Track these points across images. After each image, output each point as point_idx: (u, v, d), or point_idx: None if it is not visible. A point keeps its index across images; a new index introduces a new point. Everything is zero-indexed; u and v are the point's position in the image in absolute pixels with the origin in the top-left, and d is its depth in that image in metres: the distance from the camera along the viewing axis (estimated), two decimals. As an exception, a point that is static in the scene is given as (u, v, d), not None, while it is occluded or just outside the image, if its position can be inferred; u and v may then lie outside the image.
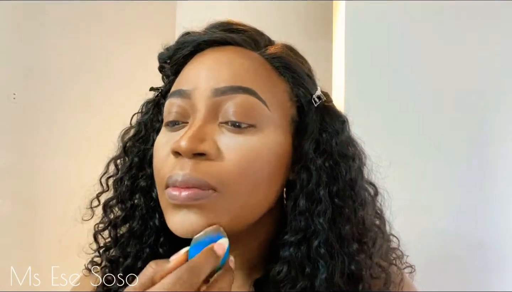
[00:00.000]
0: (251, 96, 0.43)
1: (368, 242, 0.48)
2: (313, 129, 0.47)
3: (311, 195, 0.45)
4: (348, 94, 1.05)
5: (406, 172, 1.01)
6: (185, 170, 0.41)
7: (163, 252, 0.48)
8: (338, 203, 0.45)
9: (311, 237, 0.44)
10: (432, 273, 0.53)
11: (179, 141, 0.41)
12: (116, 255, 0.49)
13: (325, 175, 0.45)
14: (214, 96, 0.43)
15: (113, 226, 0.51)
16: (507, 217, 1.04)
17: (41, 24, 1.72)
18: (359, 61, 1.08)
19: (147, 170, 0.50)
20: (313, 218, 0.44)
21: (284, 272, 0.44)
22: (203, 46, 0.47)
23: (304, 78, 0.48)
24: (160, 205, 0.45)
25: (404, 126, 1.06)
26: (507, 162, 1.05)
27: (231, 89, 0.43)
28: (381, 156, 0.51)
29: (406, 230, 0.51)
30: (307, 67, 0.51)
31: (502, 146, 1.05)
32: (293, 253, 0.44)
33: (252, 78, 0.44)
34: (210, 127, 0.43)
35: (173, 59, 0.49)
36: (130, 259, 0.48)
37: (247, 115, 0.43)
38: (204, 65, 0.45)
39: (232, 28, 0.48)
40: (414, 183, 1.03)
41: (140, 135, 0.52)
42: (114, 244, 0.50)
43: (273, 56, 0.47)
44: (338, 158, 0.46)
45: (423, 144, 1.06)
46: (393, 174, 0.52)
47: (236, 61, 0.45)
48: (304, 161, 0.46)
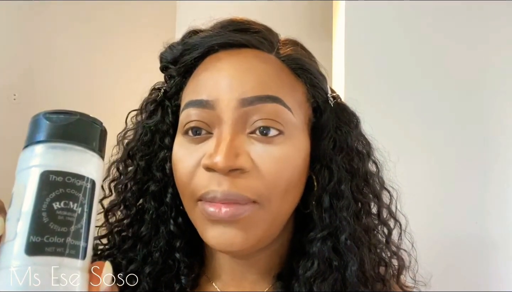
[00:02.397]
0: (278, 104, 0.42)
1: (383, 232, 0.50)
2: (330, 128, 0.47)
3: (334, 192, 0.46)
4: (348, 94, 1.05)
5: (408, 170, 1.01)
6: (222, 186, 0.40)
7: (180, 257, 0.48)
8: (358, 197, 0.47)
9: (337, 231, 0.45)
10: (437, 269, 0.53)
11: (213, 158, 0.40)
12: (118, 259, 0.48)
13: (344, 171, 0.46)
14: (241, 107, 0.41)
15: (117, 231, 0.50)
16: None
17: (41, 24, 1.72)
18: (359, 61, 1.08)
19: (157, 174, 0.48)
20: (338, 214, 0.45)
21: (315, 267, 0.44)
22: (216, 48, 0.46)
23: (319, 78, 0.48)
24: (190, 216, 0.45)
25: (405, 126, 1.06)
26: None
27: (258, 99, 0.42)
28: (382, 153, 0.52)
29: (412, 224, 0.53)
30: (317, 64, 0.50)
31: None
32: (321, 248, 0.45)
33: (276, 84, 0.43)
34: (240, 139, 0.42)
35: (181, 61, 0.47)
36: (136, 263, 0.47)
37: (275, 122, 0.42)
38: (224, 73, 0.43)
39: (245, 28, 0.46)
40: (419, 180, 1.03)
41: (145, 139, 0.50)
42: (117, 249, 0.49)
43: (289, 58, 0.46)
44: (354, 154, 0.47)
45: (423, 143, 1.06)
46: (397, 171, 0.53)
47: (258, 67, 0.44)
48: (324, 159, 0.46)
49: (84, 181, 0.28)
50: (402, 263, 0.51)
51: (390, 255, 0.50)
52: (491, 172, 1.05)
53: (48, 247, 0.26)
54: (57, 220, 0.27)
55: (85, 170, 0.28)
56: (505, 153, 1.05)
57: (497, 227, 1.04)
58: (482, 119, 1.06)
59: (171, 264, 0.48)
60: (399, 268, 0.50)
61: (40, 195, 0.27)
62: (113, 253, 0.49)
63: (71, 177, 0.28)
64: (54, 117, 0.29)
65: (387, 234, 0.50)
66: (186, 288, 0.47)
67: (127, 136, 0.52)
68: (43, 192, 0.27)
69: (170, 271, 0.48)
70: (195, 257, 0.49)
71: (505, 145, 1.05)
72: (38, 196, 0.27)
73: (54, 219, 0.27)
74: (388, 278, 0.48)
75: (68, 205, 0.27)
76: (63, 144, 0.28)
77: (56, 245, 0.27)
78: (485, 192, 1.05)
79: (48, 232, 0.26)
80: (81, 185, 0.28)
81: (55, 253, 0.26)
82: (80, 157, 0.29)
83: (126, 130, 0.52)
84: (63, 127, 0.28)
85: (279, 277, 0.47)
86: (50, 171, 0.27)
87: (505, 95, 1.06)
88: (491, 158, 1.06)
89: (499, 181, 1.05)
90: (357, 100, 0.52)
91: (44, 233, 0.26)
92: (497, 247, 1.04)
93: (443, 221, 1.04)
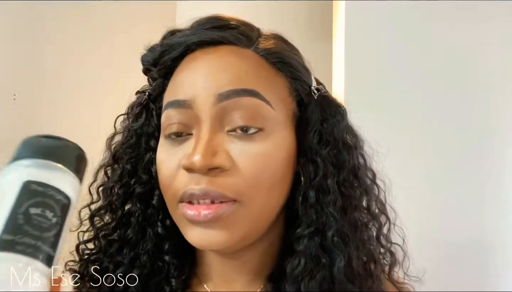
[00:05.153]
0: (255, 98, 0.42)
1: (374, 226, 0.49)
2: (315, 121, 0.46)
3: (320, 187, 0.44)
4: (348, 94, 1.05)
5: (407, 169, 1.01)
6: (200, 184, 0.40)
7: (169, 259, 0.48)
8: (345, 191, 0.45)
9: (324, 228, 0.44)
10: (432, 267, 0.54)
11: (191, 157, 0.40)
12: (105, 264, 0.48)
13: (331, 165, 0.45)
14: (217, 102, 0.41)
15: (103, 235, 0.49)
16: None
17: (42, 25, 1.72)
18: (359, 61, 1.08)
19: (143, 176, 0.48)
20: (324, 209, 0.44)
21: (302, 265, 0.44)
22: (194, 48, 0.45)
23: (301, 71, 0.47)
24: (174, 218, 0.45)
25: (405, 126, 1.06)
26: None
27: (234, 92, 0.41)
28: (381, 153, 0.52)
29: (403, 218, 0.52)
30: (300, 57, 0.49)
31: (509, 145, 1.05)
32: (308, 245, 0.44)
33: (253, 79, 0.43)
34: (218, 137, 0.41)
35: (160, 62, 0.46)
36: (123, 267, 0.47)
37: (255, 118, 0.41)
38: (200, 71, 0.43)
39: (222, 24, 0.46)
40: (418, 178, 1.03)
41: (130, 142, 0.50)
42: (103, 254, 0.49)
43: (268, 52, 0.45)
44: (341, 147, 0.46)
45: (423, 143, 1.06)
46: (396, 169, 0.52)
47: (234, 63, 0.43)
48: (309, 153, 0.45)
49: (62, 196, 0.30)
50: (394, 259, 0.50)
51: (380, 251, 0.49)
52: (488, 170, 1.05)
53: (19, 245, 0.27)
54: (31, 223, 0.28)
55: (65, 187, 0.30)
56: (503, 152, 1.05)
57: (494, 226, 1.04)
58: (481, 118, 1.06)
59: (160, 267, 0.47)
60: (390, 264, 0.50)
61: (19, 199, 0.28)
62: (100, 258, 0.49)
63: (51, 189, 0.29)
64: (42, 140, 0.31)
65: (377, 229, 0.49)
66: (177, 290, 0.47)
67: (115, 141, 0.52)
68: (22, 197, 0.28)
69: (159, 273, 0.47)
70: (185, 258, 0.49)
71: (503, 144, 1.05)
72: (17, 200, 0.28)
73: (29, 222, 0.28)
74: (378, 274, 0.47)
75: (44, 213, 0.28)
76: (48, 162, 0.30)
77: (26, 245, 0.27)
78: (483, 190, 1.05)
79: (21, 232, 0.27)
80: (60, 199, 0.29)
81: (25, 252, 0.27)
82: (62, 176, 0.31)
83: (114, 134, 0.52)
84: (49, 149, 0.31)
85: (271, 277, 0.47)
86: (33, 181, 0.29)
87: (504, 95, 1.06)
88: (489, 156, 1.06)
89: (496, 179, 1.05)
90: (357, 100, 0.52)
91: (17, 232, 0.27)
92: (495, 246, 1.04)
93: (439, 219, 1.04)
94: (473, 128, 1.06)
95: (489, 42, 1.07)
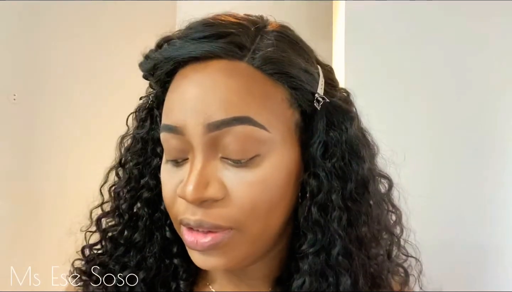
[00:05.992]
0: (247, 125, 0.39)
1: (386, 240, 0.47)
2: (320, 131, 0.43)
3: (323, 204, 0.42)
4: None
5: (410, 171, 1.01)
6: (196, 215, 0.40)
7: (178, 262, 0.48)
8: (352, 206, 0.43)
9: (329, 246, 0.42)
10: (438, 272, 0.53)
11: (184, 189, 0.39)
12: (110, 266, 0.48)
13: (336, 179, 0.43)
14: (208, 132, 0.39)
15: (110, 237, 0.49)
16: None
17: (42, 25, 1.72)
18: (359, 61, 1.08)
19: (150, 182, 0.48)
20: (329, 227, 0.42)
21: (307, 284, 0.42)
22: (184, 63, 0.42)
23: (302, 78, 0.43)
24: (177, 233, 0.45)
25: (405, 126, 1.06)
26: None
27: (225, 123, 0.39)
28: (381, 154, 0.51)
29: (417, 228, 0.51)
30: (304, 58, 0.45)
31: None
32: (313, 264, 0.42)
33: (244, 101, 0.39)
34: (212, 165, 0.40)
35: (155, 75, 0.45)
36: (129, 269, 0.47)
37: (248, 148, 0.39)
38: (188, 95, 0.40)
39: (213, 33, 0.42)
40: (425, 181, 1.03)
41: (136, 148, 0.50)
42: (109, 256, 0.49)
43: (263, 63, 0.41)
44: (348, 157, 0.43)
45: (424, 144, 1.06)
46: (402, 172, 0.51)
47: (223, 84, 0.40)
48: (312, 167, 0.43)
49: None
50: (407, 278, 0.48)
51: (389, 268, 0.46)
52: (488, 172, 1.05)
53: None
54: None
55: None
56: (502, 153, 1.05)
57: (494, 227, 1.04)
58: (488, 121, 1.06)
59: (167, 269, 0.48)
60: (402, 284, 0.48)
61: None
62: (105, 260, 0.49)
63: None
64: None
65: (388, 245, 0.47)
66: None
67: (125, 140, 0.52)
68: None
69: (166, 276, 0.47)
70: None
71: (502, 145, 1.05)
72: None
73: None
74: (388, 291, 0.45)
75: None
76: None
77: None
78: (482, 191, 1.05)
79: None
80: None
81: None
82: None
83: (126, 134, 0.52)
84: None
85: (278, 281, 0.46)
86: None
87: (505, 95, 1.06)
88: (489, 157, 1.05)
89: (496, 180, 1.05)
90: (357, 100, 0.51)
91: None
92: (495, 248, 1.04)
93: (437, 221, 1.04)
94: (473, 128, 1.06)
95: (489, 41, 1.06)
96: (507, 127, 1.05)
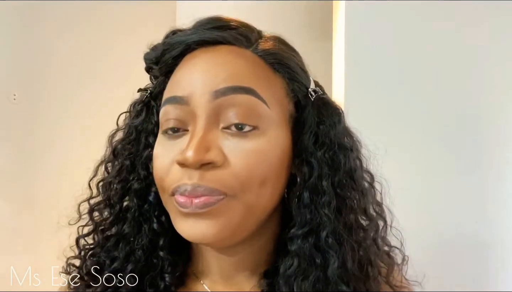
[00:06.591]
0: (251, 96, 0.42)
1: (371, 229, 0.49)
2: (311, 122, 0.47)
3: (315, 188, 0.45)
4: (348, 94, 1.05)
5: (408, 168, 1.01)
6: (193, 179, 0.41)
7: (164, 255, 0.48)
8: (341, 193, 0.46)
9: (318, 228, 0.44)
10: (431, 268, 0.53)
11: (185, 153, 0.40)
12: (102, 259, 0.49)
13: (326, 167, 0.45)
14: (214, 99, 0.42)
15: (101, 230, 0.50)
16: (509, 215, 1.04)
17: (41, 25, 1.72)
18: (359, 61, 1.08)
19: (140, 172, 0.49)
20: (318, 210, 0.44)
21: (295, 265, 0.44)
22: (194, 47, 0.46)
23: (298, 72, 0.48)
24: (167, 210, 0.45)
25: (405, 126, 1.06)
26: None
27: (231, 89, 0.42)
28: (381, 153, 0.52)
29: (401, 218, 0.52)
30: (299, 60, 0.50)
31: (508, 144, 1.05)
32: (302, 245, 0.44)
33: (250, 77, 0.43)
34: (213, 133, 0.42)
35: (162, 60, 0.48)
36: (118, 262, 0.48)
37: (250, 116, 0.42)
38: (198, 68, 0.44)
39: (222, 25, 0.47)
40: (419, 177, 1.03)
41: (130, 138, 0.51)
42: (100, 248, 0.50)
43: (266, 53, 0.46)
44: (337, 149, 0.46)
45: (423, 142, 1.06)
46: (397, 168, 0.52)
47: (231, 61, 0.44)
48: (304, 154, 0.46)
49: None
50: (392, 262, 0.50)
51: (377, 253, 0.48)
52: (487, 169, 1.05)
53: None
54: None
55: None
56: (502, 151, 1.05)
57: (493, 225, 1.04)
58: (480, 117, 1.06)
59: (155, 262, 0.48)
60: (388, 267, 0.50)
61: None
62: (97, 252, 0.50)
63: None
64: None
65: (374, 231, 0.49)
66: (171, 287, 0.48)
67: (116, 138, 0.53)
68: None
69: (154, 269, 0.48)
70: (180, 255, 0.49)
71: (502, 142, 1.05)
72: None
73: None
74: (375, 277, 0.47)
75: None
76: None
77: None
78: (482, 189, 1.05)
79: None
80: None
81: None
82: None
83: (116, 130, 0.53)
84: None
85: (266, 274, 0.47)
86: None
87: (505, 95, 1.06)
88: (487, 155, 1.06)
89: (495, 178, 1.05)
90: (357, 100, 0.52)
91: None
92: (495, 247, 1.04)
93: (438, 220, 1.04)
94: (473, 128, 1.06)
95: (490, 41, 1.06)
96: (507, 128, 1.05)
